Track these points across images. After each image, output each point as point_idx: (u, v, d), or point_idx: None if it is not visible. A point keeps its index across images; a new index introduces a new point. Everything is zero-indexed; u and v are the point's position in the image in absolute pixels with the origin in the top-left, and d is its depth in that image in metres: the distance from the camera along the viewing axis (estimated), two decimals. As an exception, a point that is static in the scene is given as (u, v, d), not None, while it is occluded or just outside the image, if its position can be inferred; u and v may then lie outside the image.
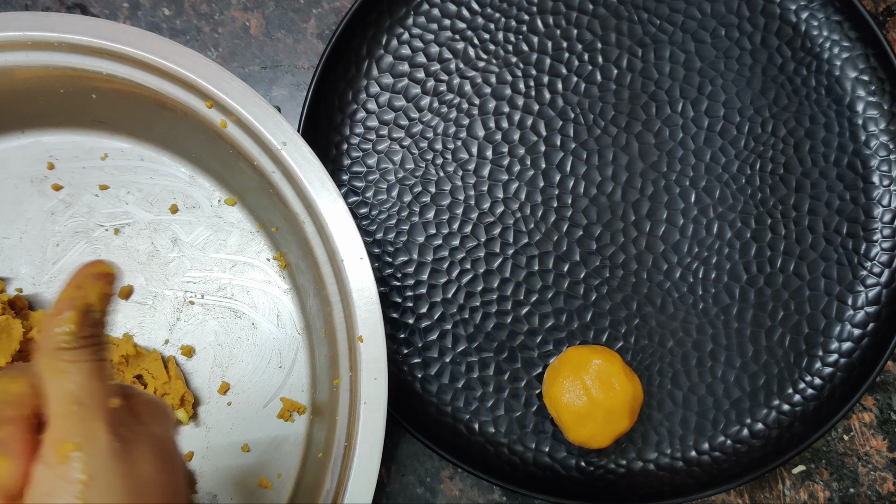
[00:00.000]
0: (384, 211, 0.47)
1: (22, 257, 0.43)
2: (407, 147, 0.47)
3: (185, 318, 0.43)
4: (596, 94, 0.48)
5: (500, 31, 0.48)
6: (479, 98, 0.47)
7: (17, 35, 0.39)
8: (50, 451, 0.25)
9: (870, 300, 0.46)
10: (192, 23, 0.49)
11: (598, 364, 0.41)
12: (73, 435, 0.25)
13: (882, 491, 0.47)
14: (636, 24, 0.48)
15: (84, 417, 0.25)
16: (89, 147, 0.44)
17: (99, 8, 0.49)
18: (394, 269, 0.46)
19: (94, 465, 0.25)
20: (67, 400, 0.25)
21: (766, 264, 0.47)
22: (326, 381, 0.40)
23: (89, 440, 0.25)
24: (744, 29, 0.48)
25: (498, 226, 0.47)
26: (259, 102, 0.39)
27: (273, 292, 0.44)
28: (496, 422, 0.45)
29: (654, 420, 0.45)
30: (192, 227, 0.44)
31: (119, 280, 0.29)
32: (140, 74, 0.40)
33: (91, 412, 0.25)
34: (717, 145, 0.47)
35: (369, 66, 0.47)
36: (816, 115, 0.48)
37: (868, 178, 0.47)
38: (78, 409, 0.25)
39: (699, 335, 0.46)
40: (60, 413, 0.25)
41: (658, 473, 0.45)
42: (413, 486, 0.46)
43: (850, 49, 0.48)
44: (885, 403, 0.48)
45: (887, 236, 0.47)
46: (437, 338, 0.46)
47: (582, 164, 0.47)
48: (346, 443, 0.38)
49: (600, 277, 0.46)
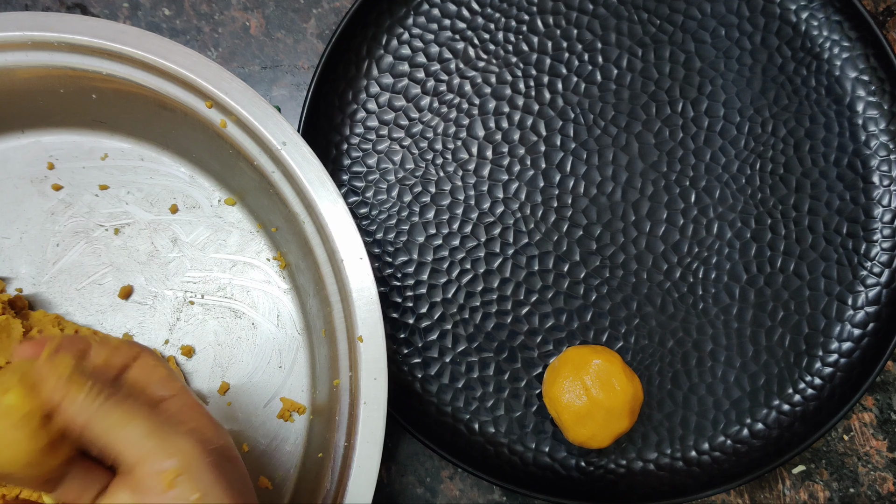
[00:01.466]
0: (384, 211, 0.47)
1: (22, 257, 0.43)
2: (407, 147, 0.47)
3: (185, 318, 0.43)
4: (596, 94, 0.48)
5: (500, 31, 0.48)
6: (479, 98, 0.47)
7: (17, 35, 0.39)
8: (154, 481, 0.25)
9: (870, 300, 0.46)
10: (192, 23, 0.49)
11: (598, 364, 0.41)
12: (171, 462, 0.25)
13: (882, 491, 0.47)
14: (636, 24, 0.48)
15: (173, 443, 0.26)
16: (89, 147, 0.44)
17: (99, 8, 0.49)
18: (394, 269, 0.46)
19: (201, 482, 0.26)
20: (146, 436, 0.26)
21: (766, 264, 0.47)
22: (326, 381, 0.40)
23: (188, 462, 0.26)
24: (744, 29, 0.48)
25: (498, 226, 0.47)
26: (259, 102, 0.39)
27: (273, 292, 0.44)
28: (496, 422, 0.45)
29: (654, 420, 0.45)
30: (192, 227, 0.44)
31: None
32: (140, 74, 0.40)
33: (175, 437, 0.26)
34: (717, 145, 0.47)
35: (369, 66, 0.47)
36: (816, 115, 0.48)
37: (868, 178, 0.47)
38: (160, 440, 0.26)
39: (699, 335, 0.46)
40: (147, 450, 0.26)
41: (658, 473, 0.45)
42: (413, 486, 0.46)
43: (850, 49, 0.48)
44: (885, 403, 0.48)
45: (887, 236, 0.47)
46: (437, 338, 0.46)
47: (582, 164, 0.47)
48: (346, 443, 0.38)
49: (600, 277, 0.46)
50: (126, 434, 0.26)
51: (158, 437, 0.26)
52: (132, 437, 0.26)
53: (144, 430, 0.26)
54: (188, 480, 0.25)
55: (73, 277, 0.43)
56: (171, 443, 0.26)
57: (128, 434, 0.26)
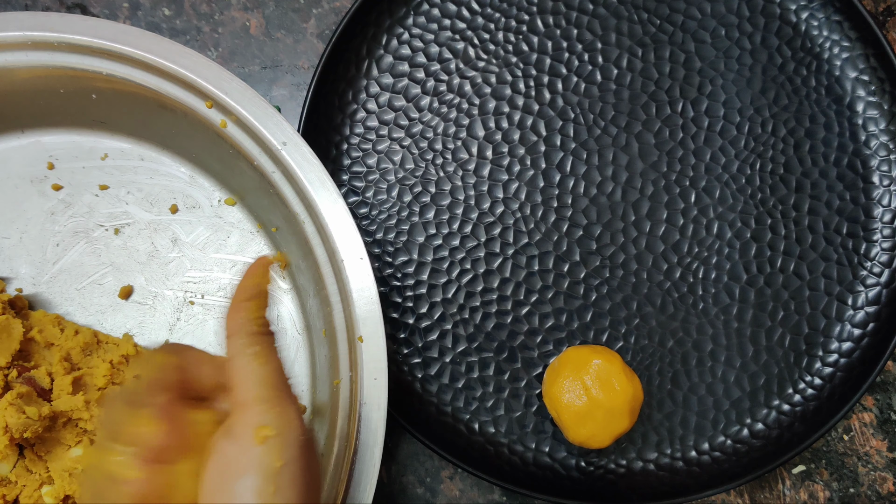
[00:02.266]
0: (384, 211, 0.47)
1: (22, 257, 0.43)
2: (407, 147, 0.47)
3: (185, 318, 0.43)
4: (596, 94, 0.48)
5: (500, 31, 0.48)
6: (479, 98, 0.47)
7: (17, 35, 0.39)
8: (245, 431, 0.25)
9: (870, 300, 0.46)
10: (192, 23, 0.49)
11: (598, 364, 0.41)
12: (273, 419, 0.26)
13: (882, 491, 0.47)
14: (636, 24, 0.48)
15: (283, 403, 0.26)
16: (89, 147, 0.44)
17: (99, 8, 0.49)
18: (394, 269, 0.46)
19: (288, 453, 0.25)
20: (266, 384, 0.26)
21: (766, 264, 0.47)
22: (326, 382, 0.40)
23: (287, 427, 0.26)
24: (744, 29, 0.48)
25: (498, 226, 0.47)
26: (259, 102, 0.39)
27: (273, 292, 0.44)
28: (496, 422, 0.45)
29: (654, 420, 0.45)
30: (192, 227, 0.44)
31: (277, 269, 0.31)
32: (140, 74, 0.40)
33: (288, 400, 0.27)
34: (717, 145, 0.47)
35: (369, 66, 0.47)
36: (816, 115, 0.48)
37: (868, 178, 0.47)
38: (276, 394, 0.26)
39: (699, 335, 0.46)
40: (258, 396, 0.26)
41: (658, 473, 0.45)
42: (413, 486, 0.46)
43: (850, 49, 0.48)
44: (885, 403, 0.48)
45: (887, 236, 0.47)
46: (437, 338, 0.46)
47: (582, 164, 0.47)
48: (346, 443, 0.38)
49: (600, 277, 0.46)
50: (252, 370, 0.26)
51: (276, 391, 0.26)
52: (257, 376, 0.26)
53: (271, 380, 0.26)
54: (279, 445, 0.25)
55: (73, 277, 0.43)
56: (283, 404, 0.26)
57: (253, 371, 0.26)
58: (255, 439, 0.25)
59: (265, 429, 0.25)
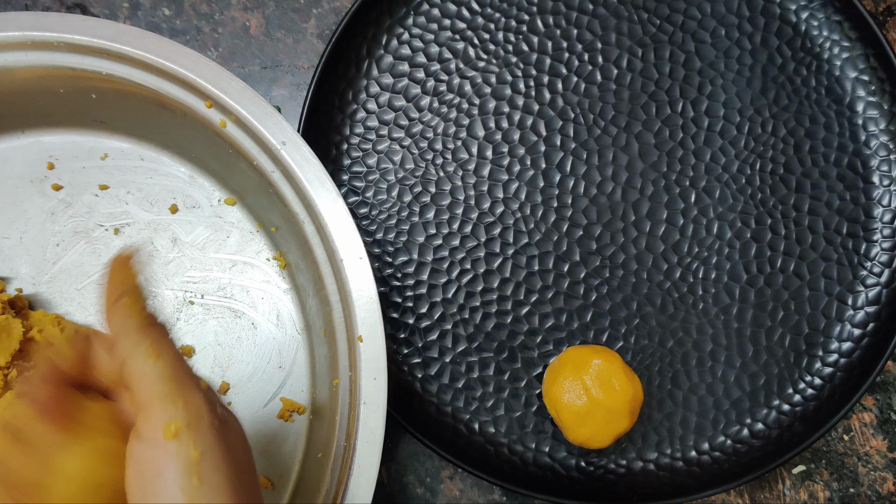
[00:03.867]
0: (384, 211, 0.47)
1: (22, 257, 0.43)
2: (407, 147, 0.47)
3: (184, 318, 0.43)
4: (596, 94, 0.48)
5: (500, 31, 0.48)
6: (479, 98, 0.47)
7: (17, 35, 0.39)
8: (153, 430, 0.25)
9: (870, 300, 0.46)
10: (192, 23, 0.49)
11: (598, 364, 0.41)
12: (178, 412, 0.25)
13: (882, 491, 0.47)
14: (636, 24, 0.48)
15: (185, 394, 0.25)
16: (89, 147, 0.44)
17: (99, 8, 0.49)
18: (394, 269, 0.46)
19: (203, 442, 0.25)
20: (163, 379, 0.26)
21: (766, 264, 0.46)
22: (326, 381, 0.40)
23: (196, 417, 0.25)
24: (744, 29, 0.48)
25: (498, 226, 0.47)
26: (259, 102, 0.39)
27: (273, 292, 0.44)
28: (496, 422, 0.45)
29: (654, 420, 0.45)
30: (192, 227, 0.44)
31: (143, 260, 0.30)
32: (140, 74, 0.40)
33: (190, 389, 0.26)
34: (717, 145, 0.47)
35: (369, 66, 0.47)
36: (816, 115, 0.48)
37: (868, 178, 0.47)
38: (176, 386, 0.26)
39: (699, 335, 0.46)
40: (157, 393, 0.25)
41: (658, 473, 0.45)
42: (413, 486, 0.46)
43: (850, 49, 0.48)
44: (885, 403, 0.48)
45: (887, 236, 0.47)
46: (437, 338, 0.46)
47: (582, 164, 0.47)
48: (346, 443, 0.38)
49: (600, 277, 0.46)
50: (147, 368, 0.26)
51: (175, 383, 0.25)
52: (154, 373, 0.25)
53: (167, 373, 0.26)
54: (192, 436, 0.25)
55: (73, 277, 0.43)
56: (185, 394, 0.25)
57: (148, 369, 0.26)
58: (165, 436, 0.24)
59: (173, 423, 0.25)
